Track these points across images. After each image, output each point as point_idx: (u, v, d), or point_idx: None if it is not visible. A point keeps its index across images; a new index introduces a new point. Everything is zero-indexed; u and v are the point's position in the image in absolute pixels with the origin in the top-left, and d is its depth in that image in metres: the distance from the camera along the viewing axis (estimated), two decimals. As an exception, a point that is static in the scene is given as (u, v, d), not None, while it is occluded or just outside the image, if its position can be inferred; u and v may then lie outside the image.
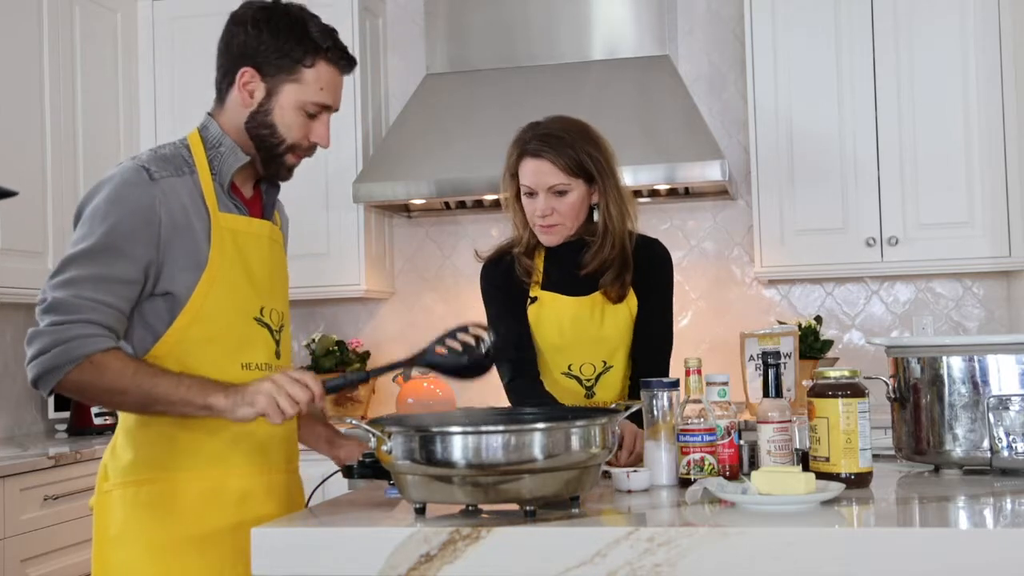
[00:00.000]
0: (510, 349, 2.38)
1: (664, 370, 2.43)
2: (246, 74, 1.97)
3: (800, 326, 3.76)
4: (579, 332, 2.45)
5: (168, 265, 1.90)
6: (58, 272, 1.88)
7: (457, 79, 4.24)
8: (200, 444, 1.94)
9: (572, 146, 2.38)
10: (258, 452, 2.00)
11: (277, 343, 2.04)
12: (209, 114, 2.05)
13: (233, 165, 2.00)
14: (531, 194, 2.41)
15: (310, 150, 2.05)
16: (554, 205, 2.39)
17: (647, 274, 2.48)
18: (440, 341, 1.94)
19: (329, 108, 2.03)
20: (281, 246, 2.15)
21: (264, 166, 2.03)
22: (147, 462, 1.94)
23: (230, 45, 2.00)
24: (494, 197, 4.11)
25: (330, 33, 2.01)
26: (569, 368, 2.47)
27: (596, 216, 2.45)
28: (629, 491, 1.90)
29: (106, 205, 1.89)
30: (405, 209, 4.42)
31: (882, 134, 3.87)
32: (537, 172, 2.38)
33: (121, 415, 2.00)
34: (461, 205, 4.35)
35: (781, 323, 3.86)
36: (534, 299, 2.49)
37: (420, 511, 1.71)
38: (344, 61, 2.03)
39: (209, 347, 1.93)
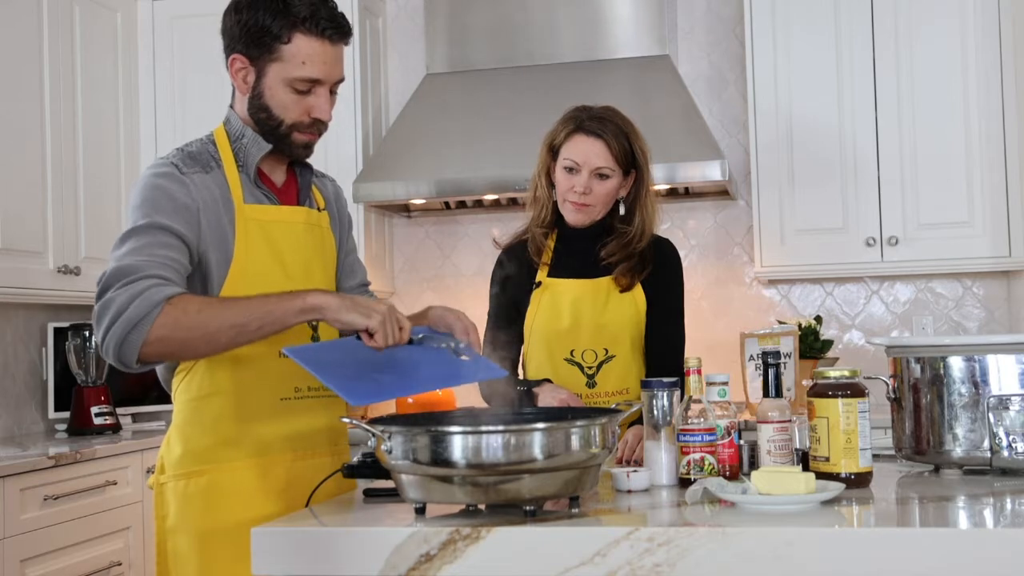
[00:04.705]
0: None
1: (680, 368, 2.44)
2: (236, 61, 1.98)
3: (800, 326, 3.75)
4: (581, 315, 2.48)
5: (206, 256, 1.94)
6: (113, 251, 1.89)
7: (457, 79, 4.24)
8: (244, 435, 1.98)
9: (628, 136, 2.47)
10: (301, 438, 2.04)
11: (315, 328, 2.05)
12: (230, 106, 2.06)
13: (257, 155, 2.01)
14: (572, 170, 2.46)
15: (314, 126, 2.00)
16: (593, 186, 2.45)
17: (660, 273, 2.52)
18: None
19: (320, 82, 1.97)
20: (323, 229, 2.13)
21: (277, 148, 2.02)
22: (195, 455, 1.98)
23: (223, 35, 2.01)
24: (494, 197, 4.11)
25: (311, 3, 1.93)
26: (571, 354, 2.48)
27: (622, 208, 2.51)
28: (629, 491, 1.90)
29: (143, 194, 1.93)
30: (405, 209, 4.42)
31: (882, 134, 3.87)
32: (589, 151, 2.44)
33: (175, 411, 2.03)
34: (461, 205, 4.35)
35: (781, 323, 3.86)
36: (538, 284, 2.51)
37: (420, 511, 1.71)
38: (329, 29, 1.94)
39: None
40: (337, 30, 1.96)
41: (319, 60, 1.95)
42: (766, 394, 1.96)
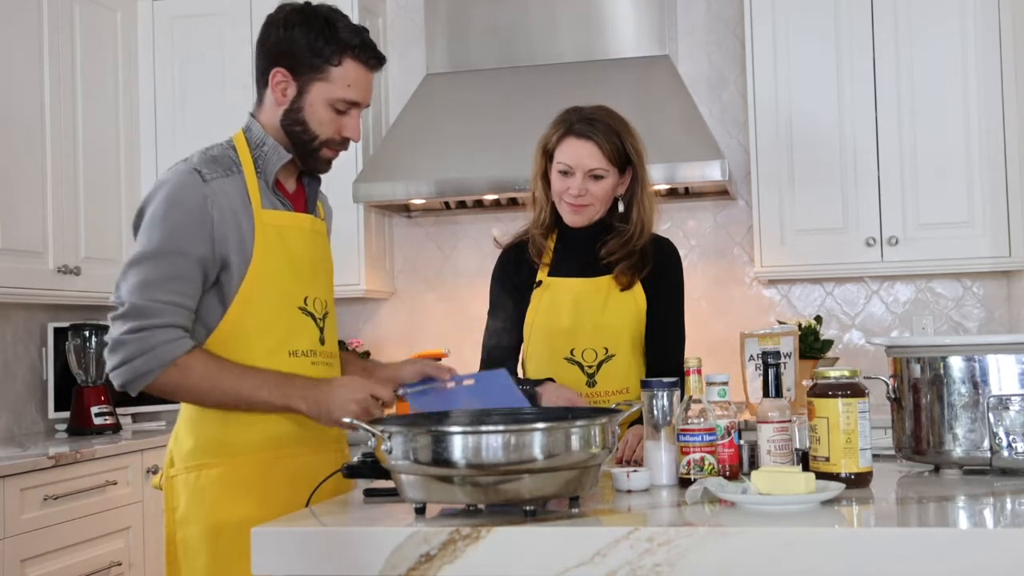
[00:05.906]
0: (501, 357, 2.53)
1: (680, 368, 2.44)
2: (278, 74, 2.08)
3: (800, 326, 3.75)
4: (581, 314, 2.48)
5: (226, 260, 2.02)
6: (127, 274, 1.99)
7: (457, 79, 4.24)
8: (252, 429, 2.05)
9: (618, 135, 2.47)
10: (308, 434, 2.09)
11: (321, 330, 2.14)
12: (251, 114, 2.15)
13: (276, 163, 2.11)
14: (566, 173, 2.47)
15: (343, 144, 2.16)
16: (588, 187, 2.46)
17: (660, 272, 2.53)
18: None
19: (358, 104, 2.12)
20: (324, 237, 2.25)
21: (302, 161, 2.14)
22: (204, 448, 2.06)
23: (265, 46, 2.11)
24: (494, 197, 4.11)
25: (359, 32, 2.09)
26: (572, 353, 2.49)
27: (621, 206, 2.52)
28: (629, 491, 1.90)
29: (164, 208, 2.01)
30: (405, 209, 4.42)
31: (882, 134, 3.87)
32: (580, 153, 2.44)
33: (183, 405, 2.11)
34: (461, 205, 4.35)
35: (781, 323, 3.86)
36: (539, 283, 2.52)
37: (420, 511, 1.71)
38: (373, 59, 2.12)
39: (258, 337, 2.04)
40: (379, 61, 2.14)
41: (362, 85, 2.12)
42: (766, 394, 1.96)
